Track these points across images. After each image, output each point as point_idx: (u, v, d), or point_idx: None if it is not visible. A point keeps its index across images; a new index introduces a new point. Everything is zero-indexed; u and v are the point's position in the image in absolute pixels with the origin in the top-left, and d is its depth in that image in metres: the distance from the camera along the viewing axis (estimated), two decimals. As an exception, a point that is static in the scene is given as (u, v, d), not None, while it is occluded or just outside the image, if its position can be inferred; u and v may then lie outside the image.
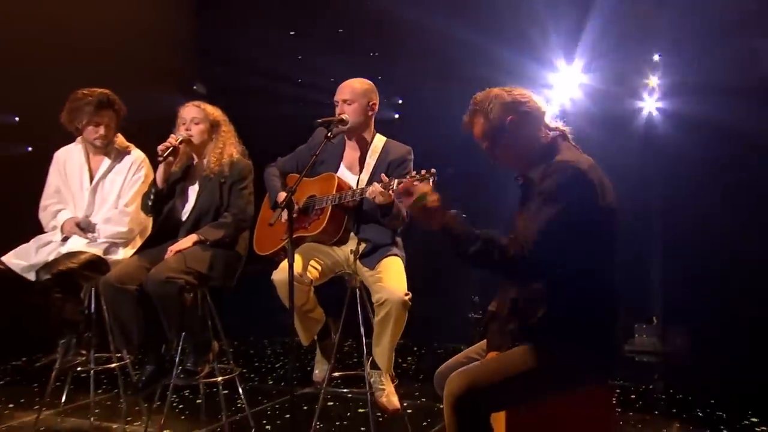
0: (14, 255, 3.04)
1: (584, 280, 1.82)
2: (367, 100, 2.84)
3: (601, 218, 1.85)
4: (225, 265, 2.92)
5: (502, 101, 1.92)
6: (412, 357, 4.55)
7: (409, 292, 2.59)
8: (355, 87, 2.82)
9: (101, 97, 3.11)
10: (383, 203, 2.57)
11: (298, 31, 5.43)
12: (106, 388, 3.61)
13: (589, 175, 1.83)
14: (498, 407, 1.82)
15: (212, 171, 2.99)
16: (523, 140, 1.94)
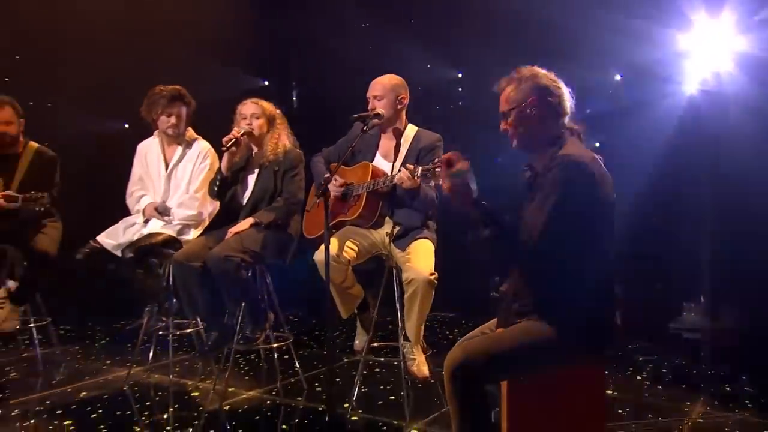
0: (106, 235, 3.50)
1: (583, 265, 1.95)
2: (396, 95, 3.04)
3: (600, 209, 1.97)
4: (277, 244, 3.24)
5: (536, 82, 2.03)
6: (459, 329, 4.76)
7: (435, 272, 2.80)
8: (384, 83, 3.03)
9: (173, 91, 3.51)
10: (410, 188, 2.78)
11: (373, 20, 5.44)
12: (185, 349, 4.07)
13: (590, 169, 1.94)
14: (492, 378, 2.00)
15: (268, 160, 3.29)
16: (534, 123, 2.04)
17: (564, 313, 1.96)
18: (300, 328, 4.74)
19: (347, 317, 3.14)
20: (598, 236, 1.98)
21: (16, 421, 2.91)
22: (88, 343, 4.32)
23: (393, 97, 3.03)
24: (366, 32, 5.41)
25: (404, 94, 3.07)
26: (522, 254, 1.97)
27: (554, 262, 1.94)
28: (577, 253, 1.93)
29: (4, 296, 3.66)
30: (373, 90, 3.03)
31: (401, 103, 3.08)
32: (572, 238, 1.91)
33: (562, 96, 2.05)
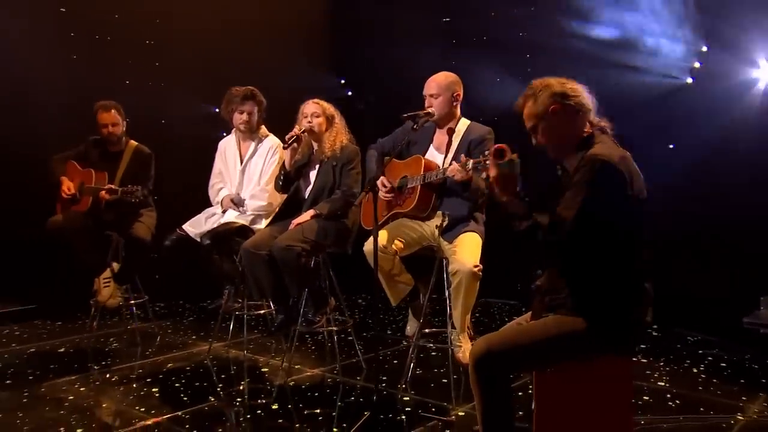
0: (190, 224, 3.84)
1: (611, 262, 1.98)
2: (451, 92, 3.11)
3: (629, 206, 1.97)
4: (336, 234, 3.42)
5: (552, 91, 2.07)
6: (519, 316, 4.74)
7: (479, 264, 2.86)
8: (440, 82, 3.11)
9: (246, 91, 3.79)
10: (462, 180, 2.87)
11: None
12: (261, 327, 4.38)
13: (619, 167, 1.95)
14: (515, 369, 2.07)
15: (327, 156, 3.48)
16: (561, 130, 2.08)
17: (591, 309, 1.99)
18: (366, 312, 4.93)
19: (396, 305, 3.27)
20: (627, 234, 1.98)
21: (114, 385, 3.31)
22: (178, 319, 4.77)
23: (449, 95, 3.12)
24: (442, 29, 5.42)
25: (459, 91, 3.16)
26: (551, 250, 2.01)
27: (583, 258, 1.98)
28: (605, 250, 1.95)
29: (109, 276, 4.13)
30: (428, 89, 3.13)
31: (456, 99, 3.16)
32: (600, 235, 1.94)
33: (580, 94, 2.06)
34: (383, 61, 5.54)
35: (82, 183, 4.10)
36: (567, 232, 1.93)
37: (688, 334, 4.11)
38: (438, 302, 4.39)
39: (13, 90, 4.61)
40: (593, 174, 1.93)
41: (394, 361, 3.70)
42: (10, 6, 4.62)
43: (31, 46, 4.65)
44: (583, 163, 1.98)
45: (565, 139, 2.10)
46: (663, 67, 4.35)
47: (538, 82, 2.10)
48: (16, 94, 4.62)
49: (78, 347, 4.01)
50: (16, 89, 4.62)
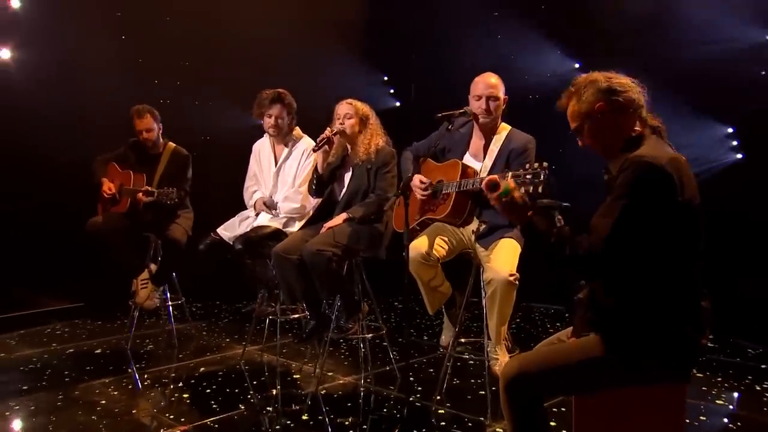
0: (224, 228, 3.78)
1: (659, 275, 1.77)
2: (503, 95, 2.95)
3: (678, 214, 1.76)
4: (369, 239, 3.28)
5: (597, 87, 1.87)
6: (561, 323, 4.53)
7: (515, 272, 2.67)
8: (496, 83, 2.94)
9: (273, 94, 3.69)
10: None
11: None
12: (295, 331, 4.29)
13: (667, 170, 1.73)
14: (550, 393, 1.88)
15: (361, 159, 3.34)
16: (608, 129, 1.88)
17: (639, 330, 1.79)
18: (402, 316, 4.79)
19: (434, 313, 3.11)
20: (677, 244, 1.77)
21: (147, 390, 3.27)
22: (213, 321, 4.75)
23: (502, 97, 2.96)
24: (485, 26, 5.23)
25: (505, 95, 2.99)
26: (586, 262, 1.81)
27: (627, 272, 1.78)
28: (652, 264, 1.75)
29: (147, 277, 4.12)
30: (486, 89, 2.93)
31: (505, 102, 2.97)
32: (645, 245, 1.73)
33: (630, 90, 1.86)
34: (426, 59, 5.40)
35: (121, 184, 4.10)
36: (602, 242, 1.73)
37: (749, 345, 3.80)
38: (477, 307, 4.20)
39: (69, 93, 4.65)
40: (636, 178, 1.73)
41: (430, 370, 3.55)
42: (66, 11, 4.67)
43: (85, 48, 4.69)
44: (625, 165, 1.78)
45: (612, 140, 1.89)
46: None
47: (582, 78, 1.91)
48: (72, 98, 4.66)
49: (115, 348, 4.01)
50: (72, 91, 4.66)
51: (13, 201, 4.55)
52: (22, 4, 4.56)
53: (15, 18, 4.52)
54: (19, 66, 4.54)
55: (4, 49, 4.47)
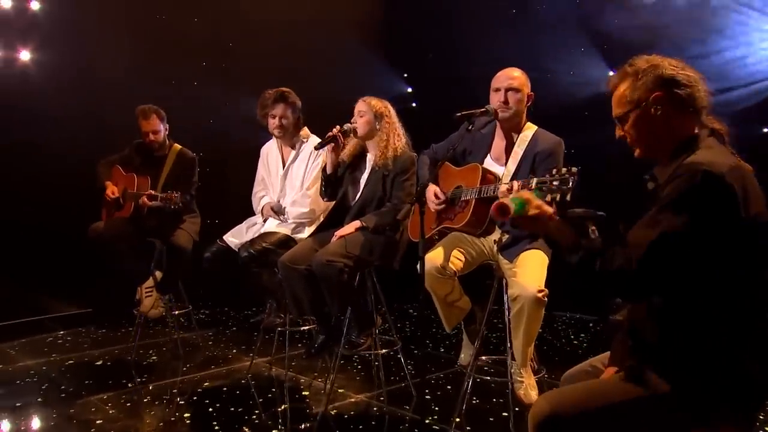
0: (231, 234, 3.57)
1: (716, 303, 1.50)
2: (527, 90, 2.68)
3: (741, 232, 1.48)
4: (383, 249, 3.04)
5: (659, 74, 1.58)
6: (587, 333, 4.25)
7: (544, 288, 2.42)
8: (519, 77, 2.68)
9: (276, 93, 3.46)
10: None
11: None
12: (305, 341, 4.07)
13: (727, 180, 1.45)
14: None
15: (378, 163, 3.10)
16: (658, 125, 1.60)
17: (689, 363, 1.52)
18: (417, 325, 4.54)
19: (451, 331, 2.86)
20: (738, 267, 1.49)
21: (146, 407, 3.07)
22: (221, 329, 4.54)
23: (526, 92, 2.68)
24: (508, 24, 4.99)
25: (531, 91, 2.72)
26: (618, 281, 1.53)
27: (669, 294, 1.52)
28: (704, 288, 1.48)
29: (152, 285, 3.92)
30: (504, 81, 2.65)
31: (529, 99, 2.71)
32: (696, 267, 1.46)
33: (695, 86, 1.57)
34: (445, 57, 5.15)
35: (125, 188, 3.92)
36: (639, 260, 1.46)
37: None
38: (497, 316, 3.94)
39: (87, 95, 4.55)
40: (689, 187, 1.45)
41: (447, 387, 3.30)
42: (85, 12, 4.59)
43: (103, 50, 4.61)
44: (678, 172, 1.50)
45: (660, 139, 1.61)
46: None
47: (642, 60, 1.62)
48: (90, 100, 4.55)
49: (117, 359, 3.82)
50: (89, 93, 4.55)
51: (25, 204, 4.43)
52: (42, 6, 4.50)
53: (34, 20, 4.47)
54: (39, 68, 4.49)
55: (24, 51, 4.42)
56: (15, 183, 4.40)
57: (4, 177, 4.38)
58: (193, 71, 4.97)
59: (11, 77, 4.42)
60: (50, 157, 4.39)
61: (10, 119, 4.36)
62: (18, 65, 4.44)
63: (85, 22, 4.55)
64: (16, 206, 4.38)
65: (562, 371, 1.70)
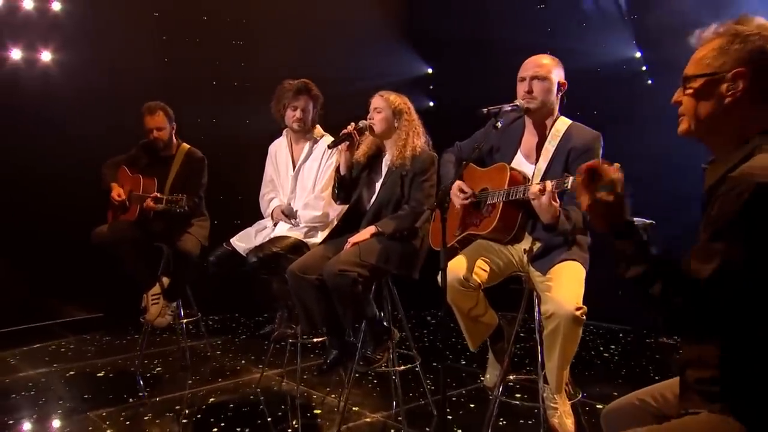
0: (238, 238, 3.34)
1: None
2: (558, 79, 2.39)
3: None
4: (401, 257, 2.78)
5: (755, 46, 1.28)
6: (617, 345, 3.94)
7: (582, 305, 2.13)
8: (547, 63, 2.39)
9: (299, 84, 3.23)
10: (544, 214, 2.14)
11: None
12: (318, 352, 3.82)
13: None
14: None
15: (395, 163, 2.85)
16: (729, 106, 1.30)
17: (763, 405, 1.24)
18: (436, 333, 4.27)
19: (476, 349, 2.57)
20: None
21: (146, 426, 2.85)
22: (230, 337, 4.32)
23: (555, 81, 2.39)
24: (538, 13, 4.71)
25: (563, 78, 2.42)
26: (680, 316, 1.27)
27: (742, 328, 1.24)
28: None
29: (158, 292, 3.71)
30: (530, 69, 2.37)
31: (561, 89, 2.42)
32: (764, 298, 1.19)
33: None
34: (476, 45, 4.86)
35: (130, 190, 3.71)
36: (703, 296, 1.21)
37: None
38: (526, 331, 3.67)
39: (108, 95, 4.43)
40: (742, 207, 1.18)
41: (471, 405, 3.03)
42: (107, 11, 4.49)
43: (124, 50, 4.51)
44: (729, 186, 1.21)
45: (719, 123, 1.32)
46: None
47: (755, 23, 1.31)
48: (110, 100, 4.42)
49: (120, 371, 3.61)
50: (110, 94, 4.44)
51: (44, 205, 4.28)
52: (63, 7, 4.42)
53: (56, 21, 4.39)
54: (60, 69, 4.41)
55: (45, 51, 4.35)
56: (33, 184, 4.26)
57: (24, 178, 4.24)
58: (213, 70, 4.84)
59: (33, 78, 4.35)
60: (71, 159, 4.25)
61: (31, 120, 4.25)
62: (39, 66, 4.37)
63: (107, 22, 4.46)
64: (34, 208, 4.26)
65: (592, 387, 1.41)
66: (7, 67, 4.28)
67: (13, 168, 4.20)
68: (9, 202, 4.22)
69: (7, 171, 4.19)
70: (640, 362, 3.68)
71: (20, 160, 4.21)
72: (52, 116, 4.26)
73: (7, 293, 4.31)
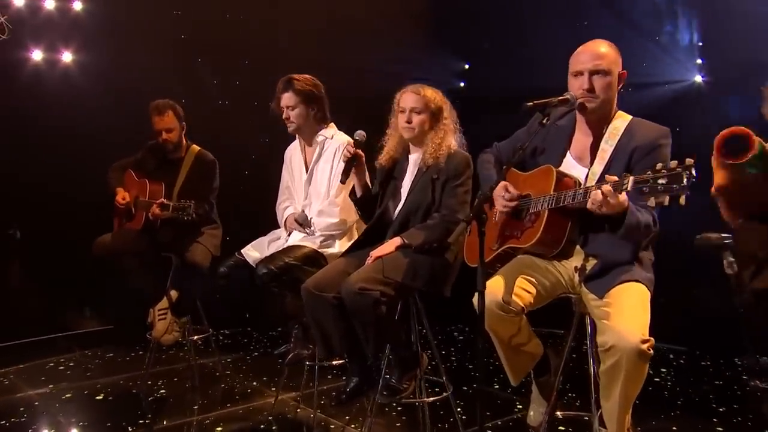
0: (251, 247, 3.08)
1: None
2: (619, 69, 2.08)
3: None
4: (431, 273, 2.49)
5: None
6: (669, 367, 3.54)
7: (650, 337, 1.80)
8: (606, 53, 2.07)
9: (282, 81, 2.97)
10: (610, 213, 1.82)
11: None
12: (337, 373, 3.53)
13: None
14: None
15: (426, 164, 2.56)
16: None
17: None
18: (464, 351, 3.95)
19: (518, 384, 2.25)
20: None
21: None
22: (242, 355, 4.05)
23: (616, 73, 2.07)
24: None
25: (623, 70, 2.10)
26: None
27: None
28: None
29: (166, 307, 3.47)
30: (589, 61, 2.05)
31: (621, 80, 2.10)
32: None
33: None
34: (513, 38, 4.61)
35: (137, 196, 3.49)
36: None
37: None
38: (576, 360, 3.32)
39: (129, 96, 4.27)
40: None
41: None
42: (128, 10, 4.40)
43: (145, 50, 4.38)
44: None
45: None
46: None
47: None
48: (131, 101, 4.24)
49: (121, 393, 3.35)
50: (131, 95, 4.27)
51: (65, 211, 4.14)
52: (85, 7, 4.37)
53: (77, 20, 4.34)
54: (81, 69, 4.36)
55: (66, 52, 4.31)
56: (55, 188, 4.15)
57: (47, 182, 4.13)
58: (237, 70, 4.72)
59: (53, 78, 4.29)
60: (90, 161, 4.05)
61: (52, 123, 4.14)
62: (60, 67, 4.32)
63: (128, 22, 4.35)
64: (55, 211, 4.13)
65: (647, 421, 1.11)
66: (28, 68, 4.23)
67: (35, 171, 4.08)
68: (33, 204, 4.10)
69: (31, 174, 4.07)
70: (699, 389, 3.31)
71: (41, 165, 4.10)
72: (74, 117, 4.15)
73: (7, 305, 4.12)
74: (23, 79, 4.17)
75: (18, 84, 4.14)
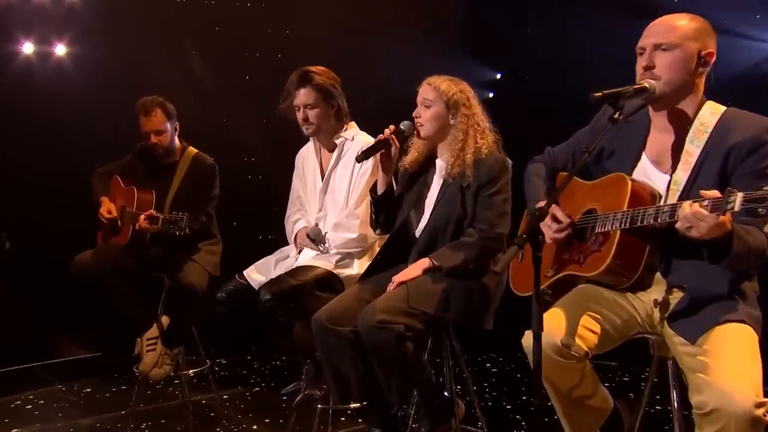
0: (255, 269, 2.87)
1: None
2: (699, 47, 1.74)
3: None
4: (467, 301, 2.21)
5: None
6: None
7: (765, 399, 1.47)
8: (681, 25, 1.75)
9: (299, 73, 2.74)
10: (711, 238, 1.50)
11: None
12: (354, 416, 3.21)
13: None
14: None
15: (451, 173, 2.28)
16: None
17: None
18: (500, 387, 3.61)
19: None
20: None
21: None
22: (241, 390, 3.74)
23: (694, 50, 1.74)
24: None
25: (712, 47, 1.77)
26: None
27: None
28: None
29: (156, 336, 3.21)
30: (653, 35, 1.76)
31: (704, 63, 1.77)
32: None
33: None
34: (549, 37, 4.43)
35: (123, 206, 3.25)
36: None
37: None
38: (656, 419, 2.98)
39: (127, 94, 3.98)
40: None
41: None
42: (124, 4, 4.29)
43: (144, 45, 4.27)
44: None
45: None
46: None
47: None
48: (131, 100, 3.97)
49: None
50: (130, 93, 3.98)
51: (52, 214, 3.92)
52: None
53: (71, 12, 4.19)
54: (75, 62, 4.23)
55: (60, 44, 4.19)
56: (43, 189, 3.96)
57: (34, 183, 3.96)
58: (244, 64, 4.55)
59: (46, 71, 4.15)
60: (83, 160, 3.87)
61: (43, 120, 3.99)
62: (53, 60, 4.19)
63: (129, 13, 4.22)
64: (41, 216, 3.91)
65: None
66: (18, 62, 4.09)
67: (26, 171, 3.92)
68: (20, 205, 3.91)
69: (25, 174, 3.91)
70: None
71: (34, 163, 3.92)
72: (69, 114, 3.99)
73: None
74: (12, 74, 4.02)
75: (7, 79, 3.98)
